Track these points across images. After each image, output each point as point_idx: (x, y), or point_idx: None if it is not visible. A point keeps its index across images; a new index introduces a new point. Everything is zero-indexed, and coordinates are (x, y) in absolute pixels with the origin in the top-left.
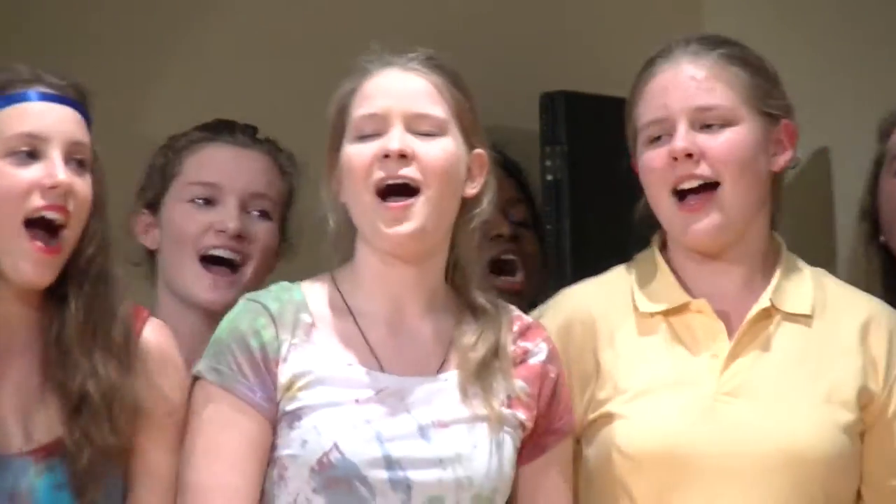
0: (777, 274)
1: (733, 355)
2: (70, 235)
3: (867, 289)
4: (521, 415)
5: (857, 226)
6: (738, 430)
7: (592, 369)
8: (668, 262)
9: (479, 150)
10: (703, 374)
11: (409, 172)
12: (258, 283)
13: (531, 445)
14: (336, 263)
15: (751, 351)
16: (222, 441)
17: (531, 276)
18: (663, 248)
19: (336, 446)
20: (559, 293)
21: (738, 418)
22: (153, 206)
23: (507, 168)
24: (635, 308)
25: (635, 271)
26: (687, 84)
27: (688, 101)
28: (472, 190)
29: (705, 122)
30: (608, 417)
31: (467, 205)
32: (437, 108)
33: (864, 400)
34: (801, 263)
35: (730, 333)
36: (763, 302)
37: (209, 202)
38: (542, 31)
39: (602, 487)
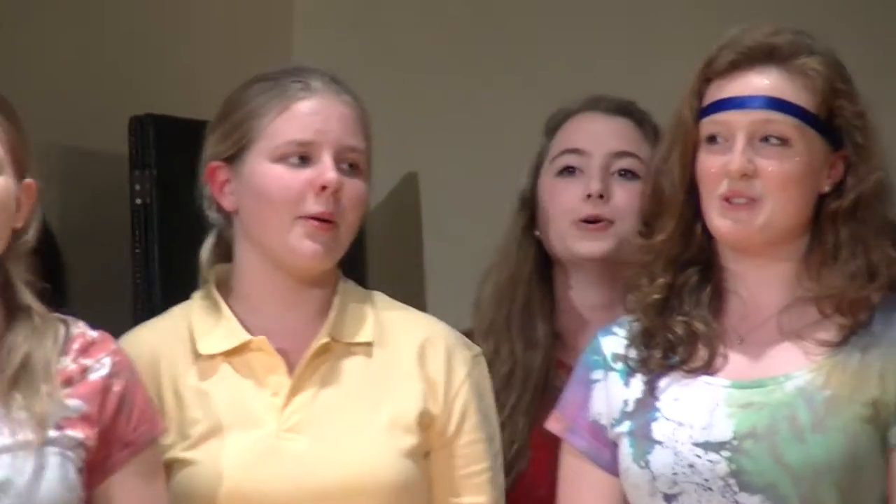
0: (335, 305)
1: (294, 392)
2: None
3: (516, 280)
4: (79, 434)
5: (514, 214)
6: (299, 466)
7: None
8: (227, 299)
9: (29, 180)
10: (266, 413)
11: None
12: None
13: (104, 463)
14: None
15: (312, 386)
16: None
17: None
18: (220, 286)
19: None
20: (121, 338)
21: (299, 454)
22: None
23: None
24: (196, 351)
25: (195, 312)
26: (337, 118)
27: (338, 138)
28: (19, 223)
29: (348, 161)
30: (178, 464)
31: (16, 234)
32: None
33: (426, 422)
34: (358, 290)
35: (292, 370)
36: (322, 337)
37: None
38: (132, 54)
39: None
